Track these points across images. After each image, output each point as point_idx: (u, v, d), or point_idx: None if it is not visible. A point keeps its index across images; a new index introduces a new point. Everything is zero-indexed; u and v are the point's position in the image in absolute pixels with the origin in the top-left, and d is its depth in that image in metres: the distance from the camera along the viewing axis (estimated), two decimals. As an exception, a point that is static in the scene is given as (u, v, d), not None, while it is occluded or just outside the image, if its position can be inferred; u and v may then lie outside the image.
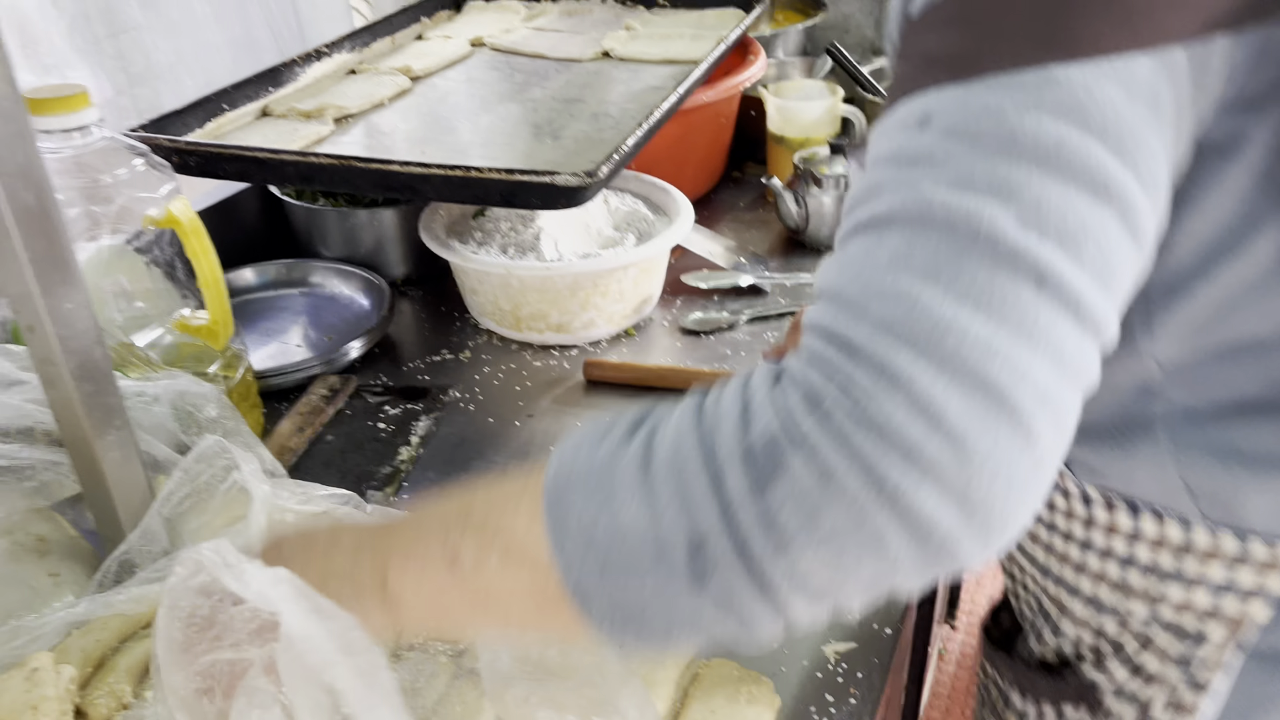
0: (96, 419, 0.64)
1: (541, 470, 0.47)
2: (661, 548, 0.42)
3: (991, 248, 0.39)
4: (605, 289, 1.06)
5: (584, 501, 0.44)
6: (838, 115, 1.38)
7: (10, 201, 0.56)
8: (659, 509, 0.42)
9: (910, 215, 0.41)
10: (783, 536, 0.40)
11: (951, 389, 0.38)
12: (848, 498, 0.39)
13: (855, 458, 0.39)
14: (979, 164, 0.41)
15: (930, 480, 0.38)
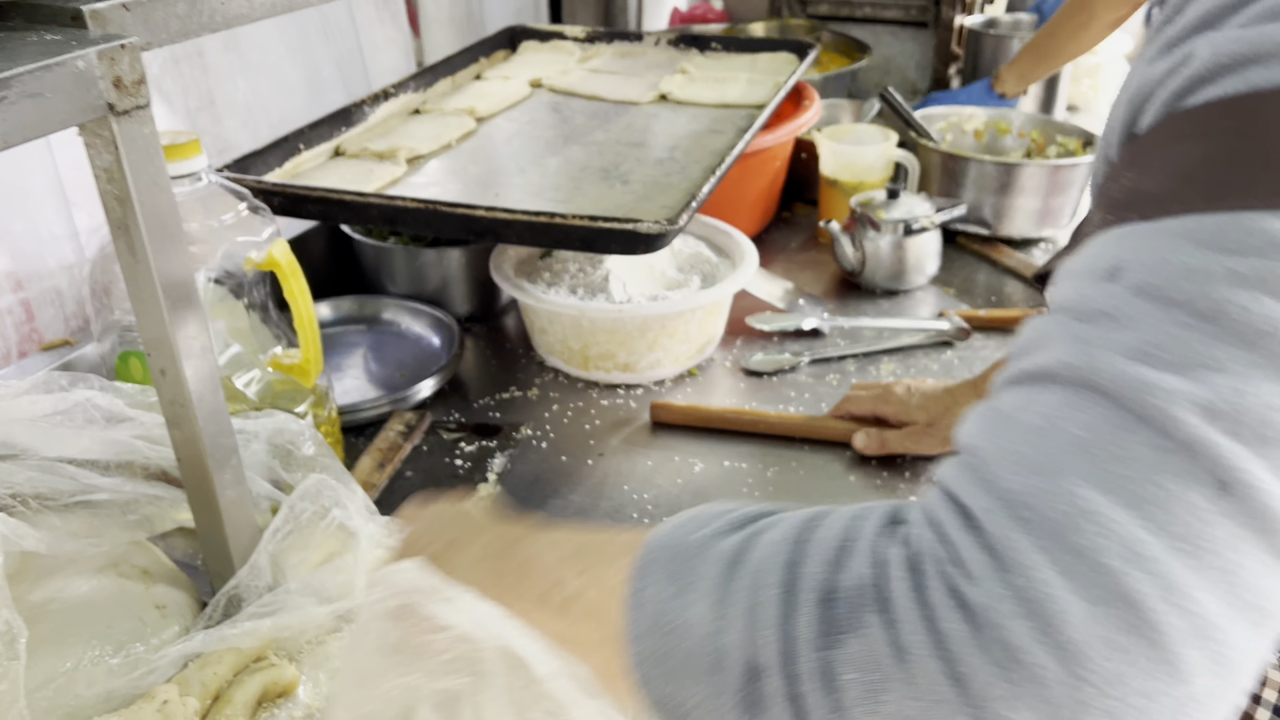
0: (216, 459, 0.67)
1: (648, 532, 0.46)
2: (719, 661, 0.38)
3: (1164, 433, 0.33)
4: (673, 330, 1.08)
5: (664, 581, 0.42)
6: (891, 159, 1.41)
7: (155, 255, 0.59)
8: (728, 620, 0.38)
9: (1074, 377, 0.35)
10: (840, 702, 0.34)
11: (1077, 591, 0.32)
12: (920, 686, 0.33)
13: (940, 643, 0.33)
14: (1169, 332, 0.34)
15: (1026, 697, 0.31)
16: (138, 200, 0.57)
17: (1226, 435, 0.32)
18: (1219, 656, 0.31)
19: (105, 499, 0.78)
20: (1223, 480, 0.32)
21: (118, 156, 0.56)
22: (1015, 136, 1.56)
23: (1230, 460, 0.32)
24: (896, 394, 1.01)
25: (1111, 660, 0.31)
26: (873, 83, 2.05)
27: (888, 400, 1.00)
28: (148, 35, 0.61)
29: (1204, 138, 0.36)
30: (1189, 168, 0.36)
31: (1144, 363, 0.34)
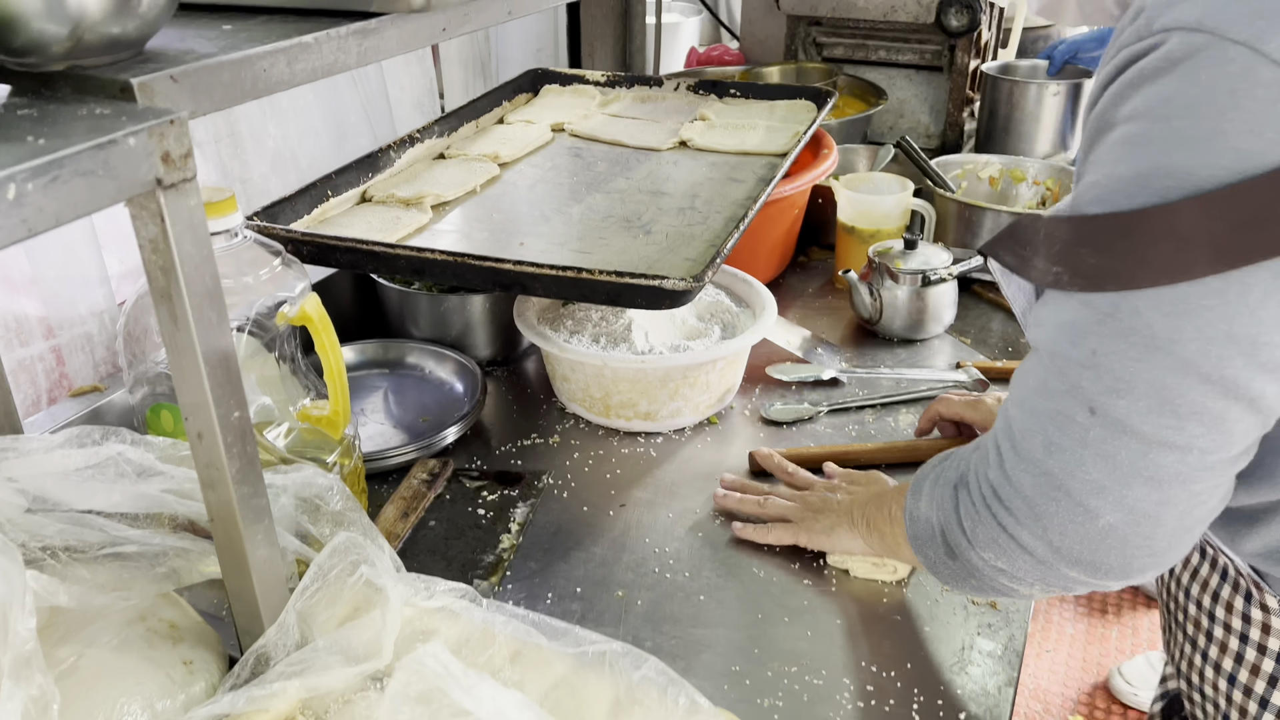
0: (249, 520, 0.68)
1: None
2: (932, 531, 0.73)
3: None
4: (694, 381, 1.09)
5: (912, 496, 0.78)
6: (908, 208, 1.42)
7: (198, 324, 0.60)
8: (932, 508, 0.74)
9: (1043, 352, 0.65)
10: (966, 538, 0.70)
11: (1028, 471, 0.64)
12: (987, 527, 0.68)
13: (984, 500, 0.68)
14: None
15: (1019, 522, 0.65)
16: (182, 271, 0.58)
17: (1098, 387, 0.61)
18: (1119, 503, 0.61)
19: (134, 551, 0.79)
20: (1091, 407, 0.61)
21: (163, 229, 0.57)
22: (1030, 184, 1.57)
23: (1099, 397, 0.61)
24: (988, 402, 1.05)
25: (1048, 505, 0.63)
26: (887, 126, 2.07)
27: (977, 408, 1.05)
28: (193, 104, 0.63)
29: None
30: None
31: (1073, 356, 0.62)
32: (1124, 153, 0.57)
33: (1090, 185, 0.60)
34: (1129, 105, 0.58)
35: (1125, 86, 0.58)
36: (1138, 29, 0.58)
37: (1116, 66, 0.59)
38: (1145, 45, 0.57)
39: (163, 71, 0.60)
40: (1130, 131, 0.57)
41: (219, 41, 0.67)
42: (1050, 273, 0.62)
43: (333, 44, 0.72)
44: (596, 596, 0.89)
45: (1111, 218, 0.58)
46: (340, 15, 0.75)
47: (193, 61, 0.63)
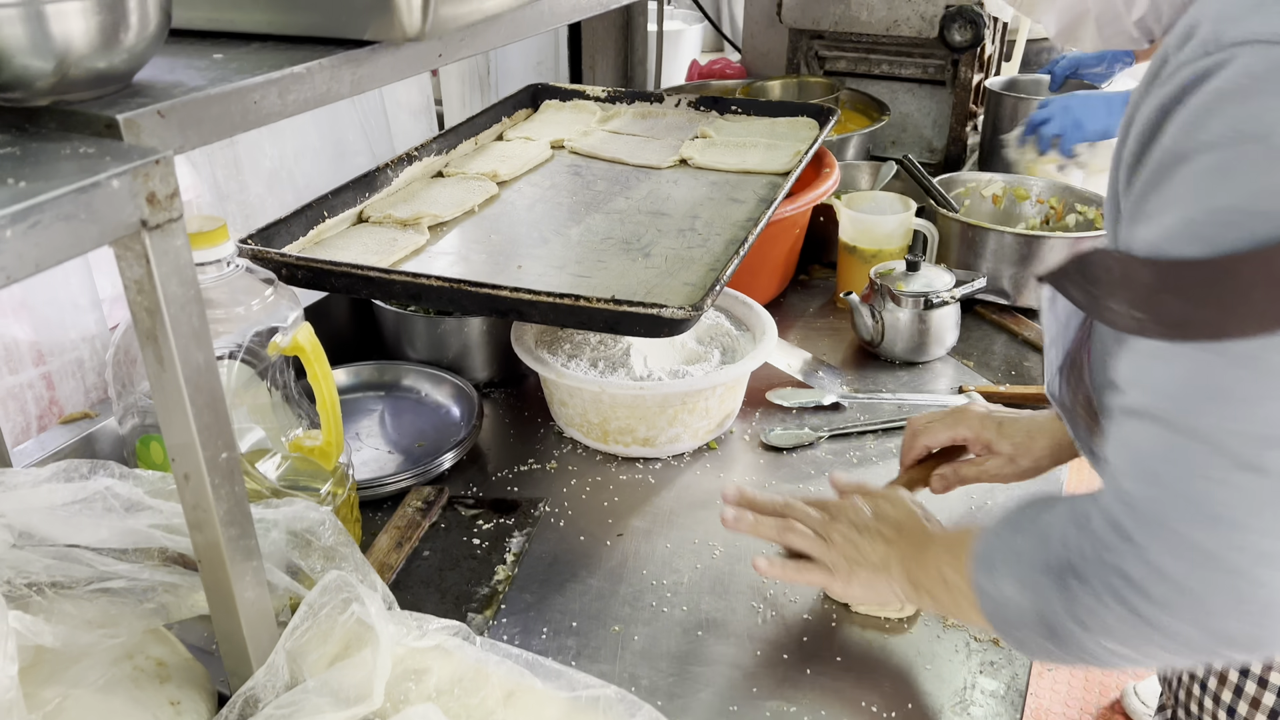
0: (237, 562, 0.66)
1: (972, 538, 0.71)
2: (1024, 616, 0.64)
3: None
4: (693, 407, 1.08)
5: (983, 574, 0.68)
6: (910, 228, 1.41)
7: (184, 365, 0.59)
8: (1022, 591, 0.64)
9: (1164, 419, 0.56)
10: (1085, 628, 0.60)
11: (1173, 559, 0.55)
12: (1122, 620, 0.58)
13: (1111, 589, 0.58)
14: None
15: (1166, 612, 0.56)
16: (167, 312, 0.57)
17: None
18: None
19: (122, 586, 0.78)
20: (1244, 463, 0.53)
21: (149, 270, 0.56)
22: (1034, 203, 1.56)
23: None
24: (974, 412, 0.96)
25: (1205, 586, 0.54)
26: (890, 140, 2.05)
27: (963, 421, 0.95)
28: (181, 140, 0.61)
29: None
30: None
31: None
32: (1217, 182, 0.52)
33: (1183, 224, 0.53)
34: (1209, 131, 0.52)
35: (1200, 112, 0.53)
36: (1200, 45, 0.54)
37: (1178, 86, 0.55)
38: (1212, 62, 0.53)
39: (149, 107, 0.59)
40: (1221, 159, 0.52)
41: (209, 72, 0.66)
42: (1132, 318, 0.56)
43: (325, 74, 0.71)
44: (592, 631, 0.87)
45: (1200, 264, 0.52)
46: (333, 43, 0.74)
47: (181, 95, 0.61)
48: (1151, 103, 0.57)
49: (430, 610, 0.88)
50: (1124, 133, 0.62)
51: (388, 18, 0.73)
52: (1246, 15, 0.53)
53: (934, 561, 0.76)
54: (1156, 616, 0.56)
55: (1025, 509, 0.69)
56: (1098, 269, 0.59)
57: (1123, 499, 0.58)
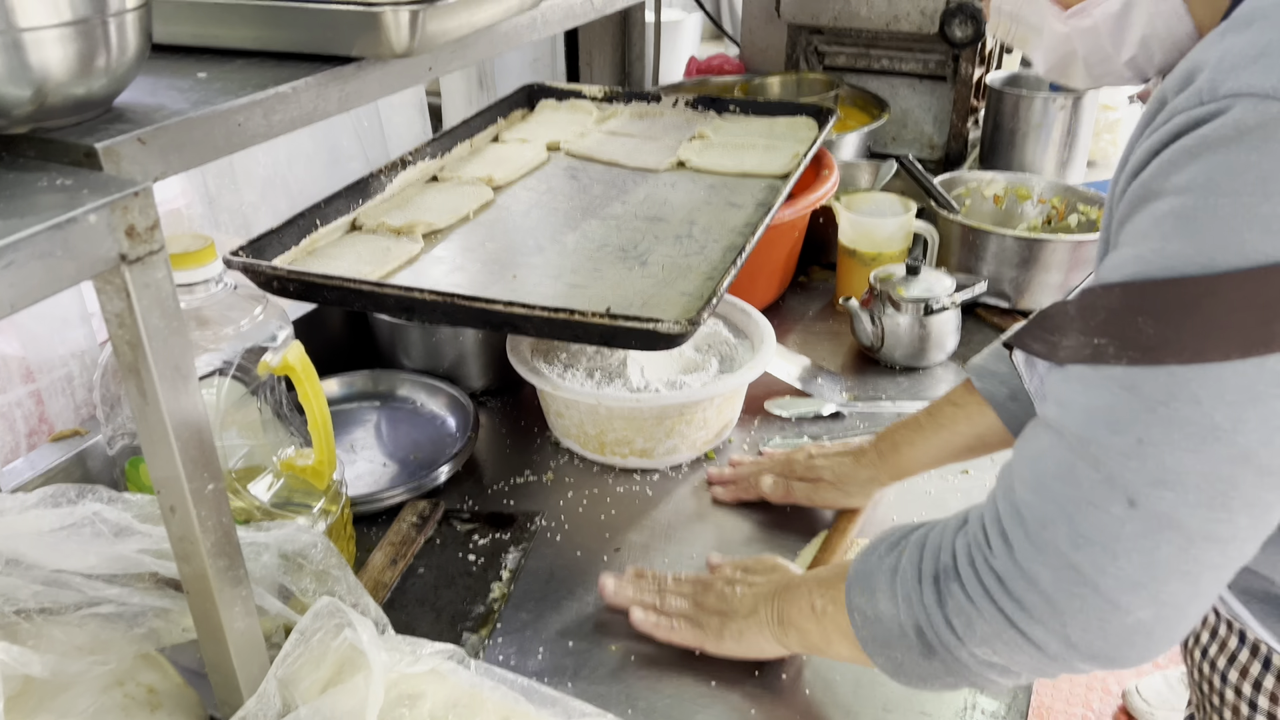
0: (225, 592, 0.65)
1: (849, 567, 0.72)
2: (902, 631, 0.65)
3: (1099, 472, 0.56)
4: (690, 418, 1.06)
5: (860, 594, 0.69)
6: (910, 230, 1.39)
7: (167, 398, 0.57)
8: (897, 607, 0.66)
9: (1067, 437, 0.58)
10: (957, 637, 0.62)
11: (1047, 565, 0.57)
12: (990, 622, 0.60)
13: (986, 593, 0.60)
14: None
15: (1034, 619, 0.58)
16: (150, 346, 0.56)
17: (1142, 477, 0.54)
18: (1149, 597, 0.56)
19: (112, 611, 0.77)
20: (1131, 499, 0.55)
21: (129, 304, 0.55)
22: (1035, 203, 1.54)
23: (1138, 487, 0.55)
24: (798, 459, 1.03)
25: (1071, 601, 0.57)
26: (890, 136, 2.03)
27: (790, 462, 1.03)
28: (163, 166, 0.60)
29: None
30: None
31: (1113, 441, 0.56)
32: (1178, 226, 0.52)
33: (1133, 258, 0.54)
34: (1184, 175, 0.52)
35: (1181, 154, 0.53)
36: (1196, 93, 0.53)
37: (1170, 133, 0.54)
38: (1206, 111, 0.52)
39: (129, 134, 0.58)
40: (1186, 204, 0.52)
41: (192, 94, 0.65)
42: (1089, 346, 0.56)
43: (311, 93, 0.70)
44: (589, 651, 0.86)
45: (1176, 283, 0.52)
46: (320, 59, 0.72)
47: (162, 120, 0.60)
48: (1145, 146, 0.56)
49: (425, 630, 0.88)
50: (1117, 176, 0.61)
51: (375, 35, 0.71)
52: (1245, 66, 0.52)
53: (805, 594, 0.77)
54: (1025, 623, 0.58)
55: (903, 531, 0.70)
56: (1056, 317, 0.61)
57: (1012, 503, 0.60)
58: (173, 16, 0.74)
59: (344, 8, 0.70)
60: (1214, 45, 0.55)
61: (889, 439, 0.99)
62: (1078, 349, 0.57)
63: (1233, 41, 0.53)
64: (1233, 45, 0.53)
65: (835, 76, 1.97)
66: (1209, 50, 0.55)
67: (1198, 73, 0.54)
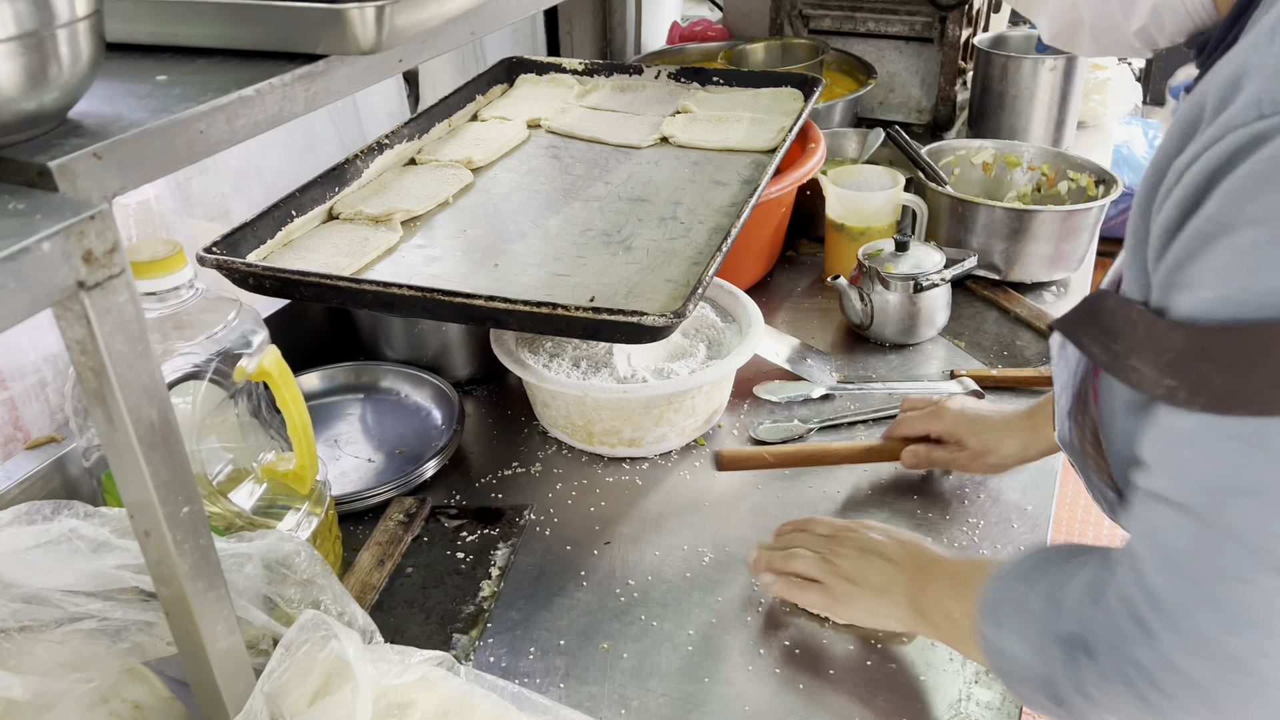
0: (206, 614, 0.64)
1: (985, 576, 0.69)
2: (1029, 675, 0.62)
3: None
4: (679, 406, 1.05)
5: (990, 625, 0.66)
6: (899, 204, 1.37)
7: (135, 423, 0.56)
8: (1028, 651, 0.62)
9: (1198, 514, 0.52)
10: (1089, 701, 0.58)
11: (1193, 653, 0.52)
12: (1128, 704, 0.55)
13: (1131, 686, 0.55)
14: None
15: (1180, 711, 0.53)
16: (114, 372, 0.54)
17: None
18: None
19: (94, 627, 0.76)
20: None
21: (90, 330, 0.53)
22: (1025, 170, 1.52)
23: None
24: (950, 409, 1.01)
25: (1227, 690, 0.51)
26: (877, 101, 2.00)
27: (940, 417, 1.01)
28: (122, 180, 0.58)
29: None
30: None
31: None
32: (1266, 260, 0.47)
33: (1221, 300, 0.49)
34: (1262, 202, 0.47)
35: (1253, 180, 0.47)
36: (1254, 105, 0.48)
37: (1227, 151, 0.49)
38: (1269, 126, 0.47)
39: (84, 149, 0.55)
40: (1272, 234, 0.47)
41: (151, 100, 0.62)
42: (1162, 385, 0.51)
43: (277, 94, 0.67)
44: (581, 650, 0.86)
45: (1245, 330, 0.47)
46: (286, 56, 0.69)
47: (119, 132, 0.57)
48: (1192, 161, 0.51)
49: (415, 632, 0.87)
50: (1152, 187, 0.56)
51: (341, 31, 0.68)
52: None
53: (938, 593, 0.75)
54: (1166, 708, 0.54)
55: (1039, 562, 0.66)
56: (1119, 322, 0.55)
57: (1144, 587, 0.54)
58: (130, 15, 0.71)
59: (308, 5, 0.67)
60: (1264, 47, 0.50)
61: (1043, 411, 0.95)
62: (1152, 382, 0.52)
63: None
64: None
65: (820, 41, 1.94)
66: (1258, 53, 0.50)
67: (1245, 78, 0.49)
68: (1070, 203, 1.44)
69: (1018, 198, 1.50)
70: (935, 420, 1.01)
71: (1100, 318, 0.57)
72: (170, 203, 1.08)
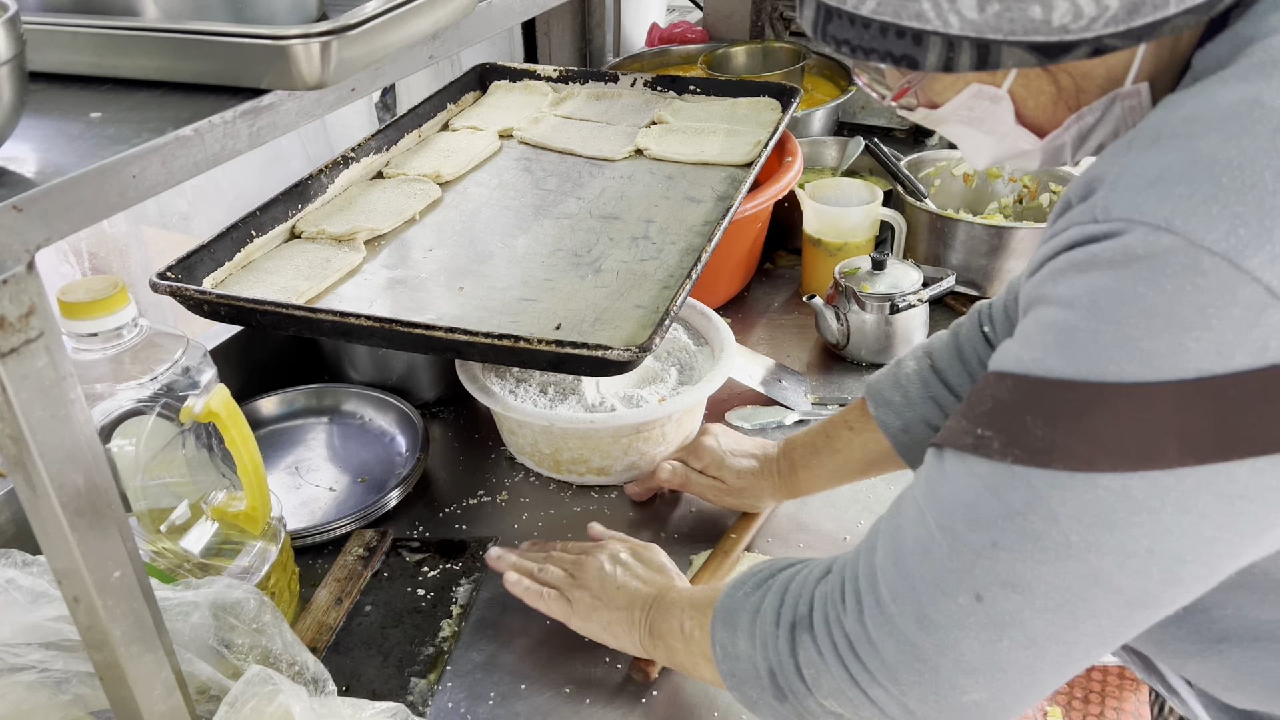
0: (142, 680, 0.61)
1: (718, 595, 0.72)
2: (756, 672, 0.66)
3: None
4: (649, 435, 1.03)
5: (723, 629, 0.69)
6: (877, 218, 1.35)
7: (58, 487, 0.53)
8: (754, 648, 0.66)
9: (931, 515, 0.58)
10: (806, 686, 0.62)
11: (891, 642, 0.58)
12: (836, 678, 0.60)
13: (835, 649, 0.60)
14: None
15: (876, 681, 0.58)
16: (34, 440, 0.51)
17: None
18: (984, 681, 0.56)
19: (34, 679, 0.73)
20: (978, 594, 0.54)
21: (5, 397, 0.50)
22: (1006, 181, 1.50)
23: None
24: (707, 447, 1.00)
25: (910, 675, 0.57)
26: (859, 105, 1.97)
27: (698, 454, 1.01)
28: (47, 231, 0.54)
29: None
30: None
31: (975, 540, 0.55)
32: (1058, 341, 0.51)
33: (1015, 358, 0.53)
34: (1068, 286, 0.50)
35: (1069, 265, 0.51)
36: (1091, 208, 0.51)
37: (1064, 242, 0.52)
38: (1099, 230, 0.50)
39: (4, 202, 0.52)
40: (1069, 319, 0.50)
41: (81, 142, 0.59)
42: (971, 434, 0.54)
43: (217, 132, 0.64)
44: (541, 694, 0.83)
45: (1077, 386, 0.50)
46: (228, 90, 0.66)
47: (44, 181, 0.54)
48: (1045, 248, 0.55)
49: (372, 676, 0.85)
50: (1031, 265, 0.58)
51: (283, 65, 0.65)
52: (1142, 190, 0.49)
53: (677, 613, 0.77)
54: (868, 685, 0.59)
55: (773, 569, 0.70)
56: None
57: (871, 566, 0.60)
58: (69, 45, 0.68)
59: (250, 41, 0.64)
60: (1118, 157, 0.52)
61: (788, 457, 0.99)
62: (957, 434, 0.56)
63: (1135, 159, 0.51)
64: (1134, 163, 0.51)
65: (801, 45, 1.91)
66: (1113, 162, 0.52)
67: (1098, 183, 0.52)
68: (1051, 217, 1.42)
69: (999, 210, 1.48)
70: (693, 456, 1.01)
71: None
72: (124, 224, 1.05)
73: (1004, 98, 0.62)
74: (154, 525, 0.81)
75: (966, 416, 0.56)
